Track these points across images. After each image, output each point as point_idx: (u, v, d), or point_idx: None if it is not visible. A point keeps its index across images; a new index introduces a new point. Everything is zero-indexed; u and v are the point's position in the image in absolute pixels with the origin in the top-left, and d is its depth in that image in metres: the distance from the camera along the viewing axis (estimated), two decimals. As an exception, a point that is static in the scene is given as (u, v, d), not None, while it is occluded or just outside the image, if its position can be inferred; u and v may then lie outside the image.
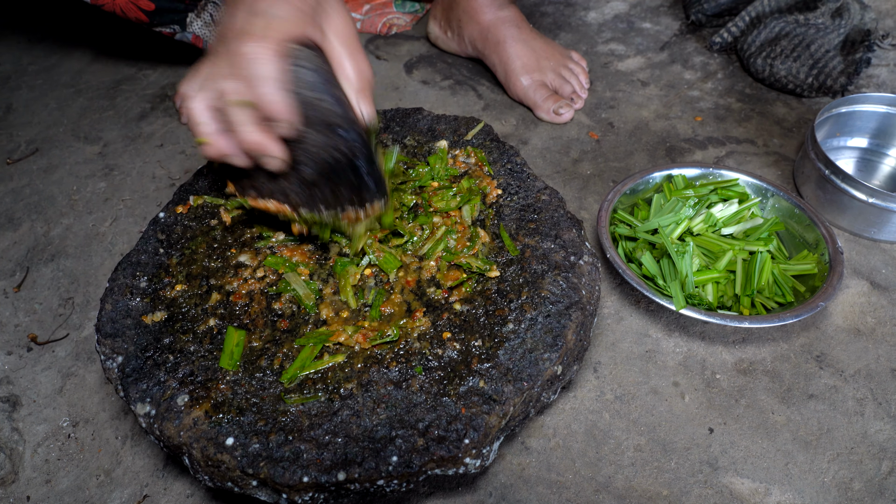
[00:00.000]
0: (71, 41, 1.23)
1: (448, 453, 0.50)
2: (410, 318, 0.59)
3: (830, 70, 1.04)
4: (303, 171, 0.58)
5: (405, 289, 0.62)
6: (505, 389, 0.54)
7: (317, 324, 0.60)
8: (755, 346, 0.73)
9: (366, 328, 0.59)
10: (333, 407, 0.53)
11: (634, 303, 0.77)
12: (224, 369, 0.56)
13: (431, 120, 0.80)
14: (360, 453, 0.50)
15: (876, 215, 0.81)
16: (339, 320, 0.60)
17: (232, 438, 0.51)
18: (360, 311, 0.60)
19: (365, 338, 0.58)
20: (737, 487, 0.62)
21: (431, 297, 0.61)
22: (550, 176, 0.94)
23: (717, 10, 1.21)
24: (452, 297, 0.61)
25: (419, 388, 0.54)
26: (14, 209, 0.91)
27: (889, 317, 0.76)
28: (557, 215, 0.68)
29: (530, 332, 0.58)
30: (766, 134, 1.01)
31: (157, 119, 1.05)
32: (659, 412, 0.67)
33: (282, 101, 0.53)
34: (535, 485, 0.62)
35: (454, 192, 0.70)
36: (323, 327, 0.59)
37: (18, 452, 0.65)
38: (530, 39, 1.04)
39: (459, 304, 0.60)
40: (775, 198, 0.81)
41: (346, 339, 0.58)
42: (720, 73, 1.13)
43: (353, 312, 0.60)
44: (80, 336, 0.75)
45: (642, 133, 1.01)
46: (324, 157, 0.57)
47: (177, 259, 0.65)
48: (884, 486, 0.62)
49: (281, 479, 0.49)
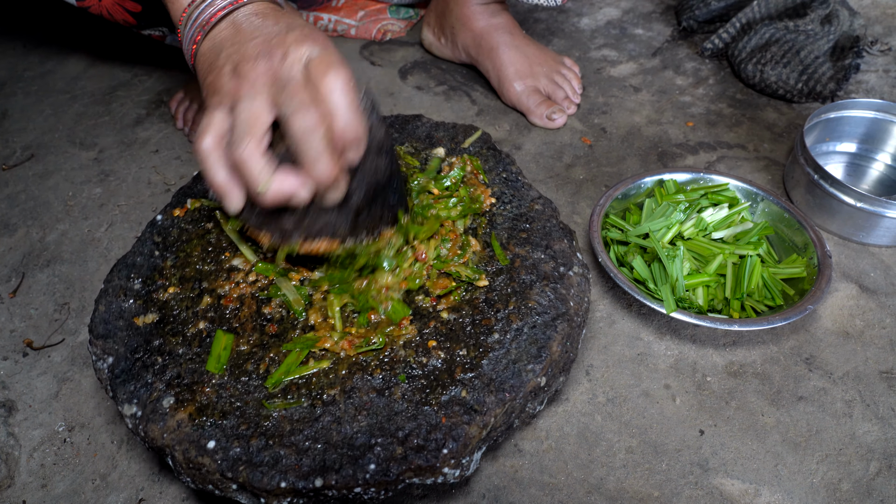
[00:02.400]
0: (66, 47, 1.24)
1: (426, 463, 0.50)
2: (397, 325, 0.59)
3: (820, 76, 1.05)
4: (352, 200, 0.56)
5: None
6: (487, 400, 0.54)
7: (305, 329, 0.60)
8: (745, 349, 0.74)
9: (352, 335, 0.59)
10: (315, 413, 0.53)
11: (626, 306, 0.78)
12: (210, 372, 0.56)
13: (430, 127, 0.81)
14: (339, 460, 0.50)
15: (864, 219, 0.82)
16: (327, 326, 0.60)
17: (213, 442, 0.51)
18: (348, 318, 0.61)
19: (351, 344, 0.58)
20: (727, 488, 0.62)
21: (420, 304, 0.61)
22: (543, 181, 0.95)
23: (708, 16, 1.23)
24: (441, 305, 0.61)
25: (401, 396, 0.54)
26: (10, 215, 0.91)
27: (877, 319, 0.77)
28: (549, 225, 0.68)
29: (515, 342, 0.57)
30: (757, 139, 1.02)
31: (153, 125, 1.06)
32: (650, 414, 0.68)
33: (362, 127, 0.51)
34: (528, 486, 0.62)
35: (455, 201, 0.70)
36: (311, 332, 0.60)
37: (14, 457, 0.65)
38: (523, 46, 1.05)
39: (447, 312, 0.60)
40: (765, 202, 0.82)
41: (332, 345, 0.58)
42: (711, 78, 1.14)
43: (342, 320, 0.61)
44: (75, 341, 0.75)
45: (634, 138, 1.02)
46: (372, 182, 0.56)
47: (171, 261, 0.65)
48: (871, 487, 0.63)
49: (259, 483, 0.49)
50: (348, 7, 1.26)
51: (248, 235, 0.63)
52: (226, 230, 0.66)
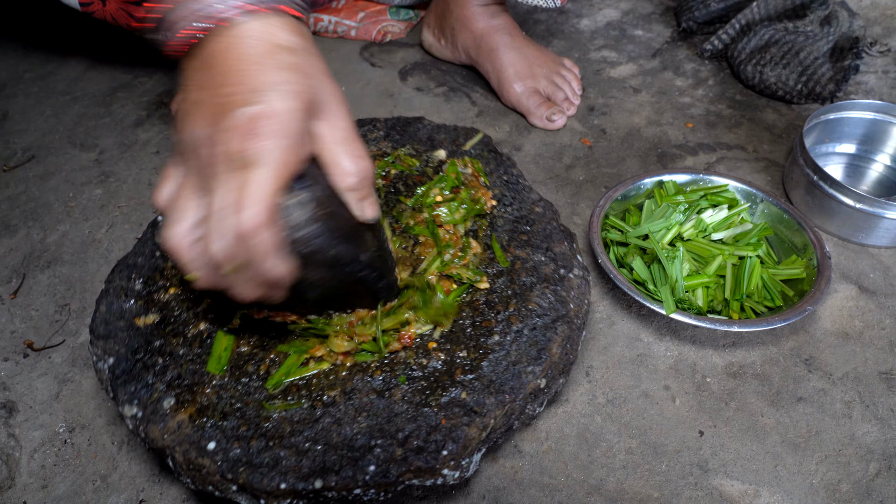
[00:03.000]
0: (67, 49, 1.24)
1: (426, 464, 0.50)
2: (397, 340, 0.59)
3: (819, 77, 1.05)
4: (308, 296, 0.53)
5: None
6: (486, 401, 0.54)
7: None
8: (745, 350, 0.74)
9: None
10: (315, 414, 0.53)
11: (626, 307, 0.78)
12: (211, 373, 0.56)
13: (431, 129, 0.81)
14: (339, 461, 0.50)
15: (864, 220, 0.82)
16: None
17: (214, 443, 0.52)
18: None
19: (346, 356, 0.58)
20: (727, 489, 0.62)
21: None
22: (543, 182, 0.95)
23: (707, 17, 1.23)
24: None
25: (401, 397, 0.54)
26: (10, 216, 0.91)
27: (877, 320, 0.77)
28: (550, 228, 0.68)
29: (515, 344, 0.58)
30: (756, 140, 1.02)
31: (153, 126, 1.06)
32: (650, 415, 0.68)
33: (281, 269, 0.46)
34: (528, 488, 0.62)
35: (458, 204, 0.69)
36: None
37: (15, 458, 0.66)
38: (523, 47, 1.06)
39: None
40: (764, 203, 0.82)
41: (326, 354, 0.58)
42: (711, 79, 1.14)
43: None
44: (76, 342, 0.75)
45: (634, 139, 1.02)
46: (330, 286, 0.53)
47: (172, 262, 0.65)
48: (871, 488, 0.63)
49: (259, 485, 0.49)
50: (348, 8, 1.26)
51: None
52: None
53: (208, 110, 0.45)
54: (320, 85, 0.48)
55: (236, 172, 0.44)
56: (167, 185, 0.49)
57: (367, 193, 0.52)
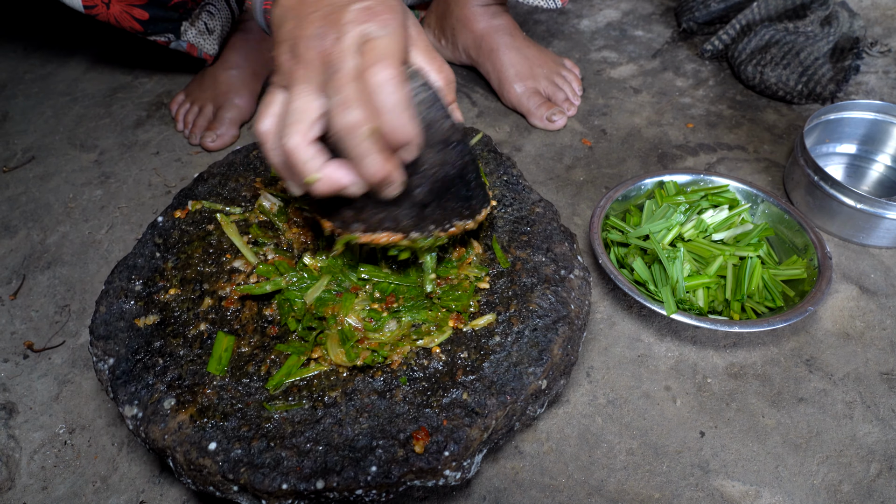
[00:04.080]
0: (67, 50, 1.24)
1: (427, 465, 0.50)
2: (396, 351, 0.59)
3: (820, 77, 1.05)
4: (416, 194, 0.53)
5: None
6: (488, 403, 0.54)
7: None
8: (746, 351, 0.74)
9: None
10: (317, 415, 0.53)
11: (626, 308, 0.78)
12: (211, 374, 0.56)
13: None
14: (340, 462, 0.50)
15: (864, 221, 0.82)
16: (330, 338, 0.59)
17: (215, 443, 0.52)
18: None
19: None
20: (728, 490, 0.62)
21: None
22: (544, 182, 0.95)
23: (708, 17, 1.23)
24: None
25: (402, 398, 0.54)
26: (10, 217, 0.91)
27: (877, 321, 0.77)
28: (550, 228, 0.68)
29: (516, 345, 0.58)
30: (757, 140, 1.02)
31: (153, 127, 1.06)
32: (651, 416, 0.68)
33: (413, 128, 0.48)
34: (529, 488, 0.62)
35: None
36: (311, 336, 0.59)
37: (15, 459, 0.65)
38: (524, 47, 1.06)
39: None
40: (765, 203, 0.82)
41: (322, 356, 0.58)
42: (711, 80, 1.14)
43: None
44: (76, 343, 0.75)
45: (634, 140, 1.02)
46: (439, 176, 0.53)
47: (172, 263, 0.65)
48: (872, 489, 0.63)
49: (260, 485, 0.49)
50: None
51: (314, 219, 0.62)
52: (227, 232, 0.66)
53: (318, 16, 0.48)
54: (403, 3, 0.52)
55: (361, 49, 0.47)
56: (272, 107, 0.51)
57: (453, 98, 0.54)
